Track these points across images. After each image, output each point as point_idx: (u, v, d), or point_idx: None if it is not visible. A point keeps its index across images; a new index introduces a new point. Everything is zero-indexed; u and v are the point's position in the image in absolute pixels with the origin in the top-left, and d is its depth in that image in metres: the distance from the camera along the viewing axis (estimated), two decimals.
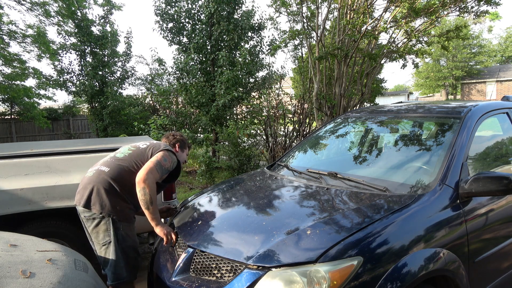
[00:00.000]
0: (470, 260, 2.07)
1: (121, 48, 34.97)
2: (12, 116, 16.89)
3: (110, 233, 2.39)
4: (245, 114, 10.07)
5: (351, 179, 2.43)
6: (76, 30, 14.43)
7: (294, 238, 1.83)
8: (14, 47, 53.69)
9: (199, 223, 2.30)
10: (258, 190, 2.71)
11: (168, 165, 2.54)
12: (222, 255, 1.90)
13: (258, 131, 8.43)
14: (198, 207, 2.61)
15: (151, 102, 15.45)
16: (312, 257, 1.69)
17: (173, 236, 2.35)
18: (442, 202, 2.06)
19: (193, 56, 9.15)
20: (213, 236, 2.09)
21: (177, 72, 9.65)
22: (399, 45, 8.52)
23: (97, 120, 14.95)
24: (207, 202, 2.67)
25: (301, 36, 8.65)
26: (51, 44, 14.21)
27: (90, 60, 14.78)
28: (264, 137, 8.24)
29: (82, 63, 15.00)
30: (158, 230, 2.37)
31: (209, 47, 9.49)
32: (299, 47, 10.39)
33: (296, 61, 11.18)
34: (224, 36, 9.42)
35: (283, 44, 9.04)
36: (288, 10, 8.68)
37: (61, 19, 14.23)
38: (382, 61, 8.99)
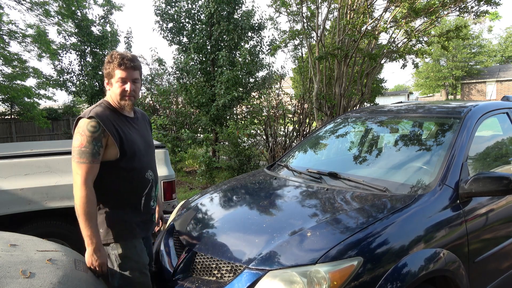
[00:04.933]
0: (470, 260, 2.07)
1: (121, 48, 34.97)
2: (12, 116, 16.89)
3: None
4: (245, 114, 10.07)
5: (351, 179, 2.43)
6: (76, 30, 14.44)
7: (294, 240, 1.83)
8: (14, 47, 53.73)
9: (199, 225, 2.31)
10: (257, 191, 2.71)
11: (83, 142, 1.80)
12: (222, 258, 1.90)
13: (258, 131, 8.42)
14: (198, 208, 2.61)
15: (151, 102, 15.46)
16: (312, 259, 1.69)
17: (103, 269, 1.86)
18: (442, 202, 2.06)
19: (193, 56, 9.15)
20: (214, 238, 2.09)
21: (177, 72, 9.65)
22: (399, 45, 8.52)
23: None
24: (207, 203, 2.67)
25: (301, 36, 8.65)
26: (51, 44, 14.21)
27: (90, 60, 14.78)
28: (264, 137, 8.24)
29: (82, 63, 15.00)
30: (87, 255, 1.83)
31: (209, 47, 9.49)
32: (299, 47, 10.39)
33: (296, 61, 11.17)
34: (224, 36, 9.42)
35: (283, 44, 9.04)
36: (288, 10, 8.68)
37: (61, 19, 14.22)
38: (382, 61, 8.99)
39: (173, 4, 9.50)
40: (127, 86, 1.95)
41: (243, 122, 8.67)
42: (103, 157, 1.87)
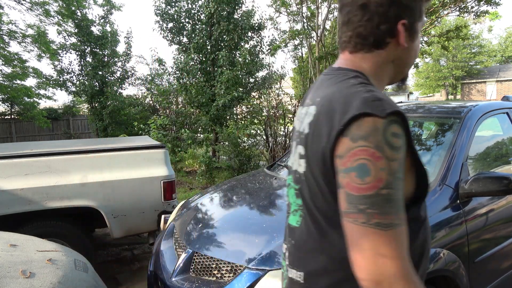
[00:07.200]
0: (470, 260, 2.07)
1: (121, 48, 35.01)
2: (12, 116, 16.89)
3: None
4: (245, 114, 10.07)
5: None
6: (76, 30, 14.44)
7: None
8: (14, 47, 53.76)
9: (199, 225, 2.31)
10: (258, 191, 2.71)
11: (383, 175, 0.72)
12: (222, 258, 1.90)
13: (258, 131, 8.43)
14: (198, 208, 2.61)
15: (151, 102, 15.47)
16: None
17: None
18: (442, 202, 2.06)
19: (193, 56, 9.15)
20: (214, 238, 2.09)
21: (177, 72, 9.66)
22: None
23: (97, 120, 14.95)
24: (207, 203, 2.67)
25: (301, 36, 8.66)
26: (51, 44, 14.21)
27: (90, 60, 14.77)
28: (264, 137, 8.24)
29: (82, 63, 14.99)
30: None
31: (209, 47, 9.49)
32: (299, 47, 10.41)
33: (296, 61, 11.18)
34: (224, 36, 9.42)
35: (283, 44, 9.06)
36: (288, 10, 8.69)
37: (61, 19, 14.22)
38: None
39: (173, 4, 9.50)
40: None
41: (243, 122, 8.67)
42: None
